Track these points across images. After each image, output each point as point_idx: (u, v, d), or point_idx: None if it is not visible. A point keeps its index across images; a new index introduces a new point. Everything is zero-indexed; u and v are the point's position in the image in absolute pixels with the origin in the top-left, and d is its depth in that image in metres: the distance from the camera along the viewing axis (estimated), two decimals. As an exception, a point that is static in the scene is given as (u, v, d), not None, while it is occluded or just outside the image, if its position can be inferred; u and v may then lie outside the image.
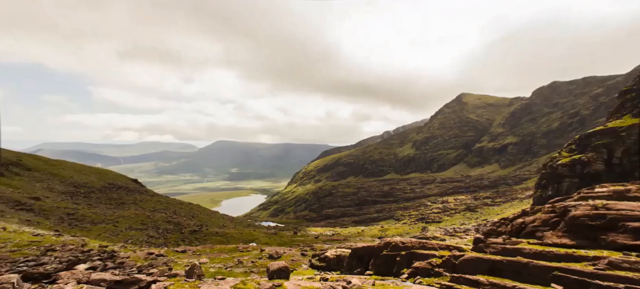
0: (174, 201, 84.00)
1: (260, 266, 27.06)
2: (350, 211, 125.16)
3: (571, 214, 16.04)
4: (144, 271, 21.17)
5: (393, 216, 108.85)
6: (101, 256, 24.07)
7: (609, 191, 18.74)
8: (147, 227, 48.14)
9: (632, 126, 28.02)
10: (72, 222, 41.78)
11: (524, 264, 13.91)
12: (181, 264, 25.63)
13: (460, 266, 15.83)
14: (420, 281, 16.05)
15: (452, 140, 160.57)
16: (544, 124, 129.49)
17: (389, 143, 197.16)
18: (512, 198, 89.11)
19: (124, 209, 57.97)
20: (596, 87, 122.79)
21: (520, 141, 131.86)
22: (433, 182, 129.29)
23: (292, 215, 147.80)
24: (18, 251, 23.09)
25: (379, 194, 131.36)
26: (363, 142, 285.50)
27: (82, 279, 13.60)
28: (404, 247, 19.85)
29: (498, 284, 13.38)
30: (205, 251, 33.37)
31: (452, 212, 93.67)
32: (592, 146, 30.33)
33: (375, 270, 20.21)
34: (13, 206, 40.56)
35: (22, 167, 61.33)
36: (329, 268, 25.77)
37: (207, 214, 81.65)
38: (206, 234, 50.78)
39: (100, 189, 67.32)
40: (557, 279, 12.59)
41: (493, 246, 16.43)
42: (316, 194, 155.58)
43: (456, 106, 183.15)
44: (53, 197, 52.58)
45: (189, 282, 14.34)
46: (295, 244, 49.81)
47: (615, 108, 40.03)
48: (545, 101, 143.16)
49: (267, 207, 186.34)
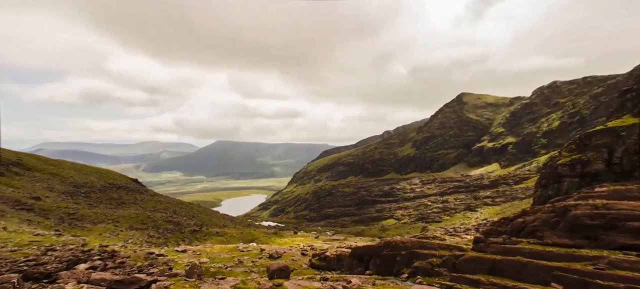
0: (174, 201, 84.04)
1: (261, 265, 27.06)
2: (350, 211, 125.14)
3: (571, 213, 16.03)
4: (144, 270, 21.18)
5: (393, 215, 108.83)
6: (101, 255, 24.08)
7: (609, 190, 18.73)
8: (147, 227, 48.14)
9: (633, 126, 28.00)
10: (72, 222, 41.79)
11: (524, 263, 13.91)
12: (181, 264, 25.65)
13: (460, 265, 15.83)
14: (420, 280, 16.05)
15: (452, 140, 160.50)
16: (544, 124, 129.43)
17: (389, 143, 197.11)
18: (512, 198, 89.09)
19: (124, 209, 57.97)
20: (596, 87, 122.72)
21: (520, 141, 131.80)
22: (433, 182, 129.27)
23: (292, 215, 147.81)
24: (18, 250, 23.09)
25: (379, 193, 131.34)
26: (363, 141, 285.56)
27: (82, 279, 13.61)
28: (404, 247, 19.85)
29: (498, 283, 13.39)
30: (206, 251, 33.38)
31: (452, 212, 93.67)
32: (592, 146, 30.34)
33: (376, 270, 20.21)
34: (13, 206, 40.55)
35: (22, 167, 61.33)
36: (329, 267, 25.77)
37: (207, 214, 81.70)
38: (206, 234, 50.78)
39: (101, 189, 67.34)
40: (557, 279, 12.59)
41: (493, 246, 16.43)
42: (316, 194, 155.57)
43: (456, 106, 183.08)
44: (53, 197, 52.59)
45: (189, 282, 14.35)
46: (295, 244, 49.80)
47: (616, 108, 40.01)
48: (545, 100, 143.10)
49: (267, 207, 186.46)
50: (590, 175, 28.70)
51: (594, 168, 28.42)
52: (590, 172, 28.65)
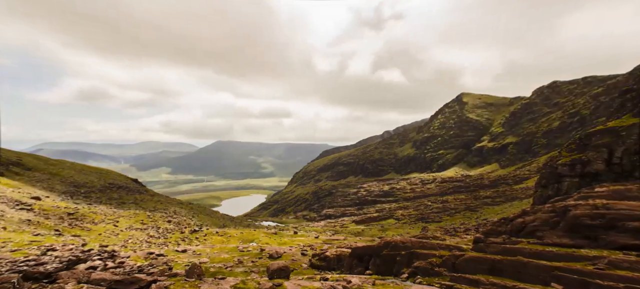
0: (174, 201, 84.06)
1: (261, 265, 27.05)
2: (350, 211, 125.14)
3: (571, 213, 16.04)
4: (144, 270, 21.19)
5: (393, 215, 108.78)
6: (101, 255, 24.09)
7: (609, 190, 18.74)
8: (147, 227, 48.14)
9: (632, 126, 28.01)
10: (72, 222, 41.78)
11: (524, 263, 13.91)
12: (181, 264, 25.64)
13: (460, 265, 15.83)
14: (420, 280, 16.04)
15: (452, 140, 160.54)
16: (544, 124, 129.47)
17: (389, 143, 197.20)
18: (512, 198, 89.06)
19: (124, 208, 57.97)
20: (596, 87, 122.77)
21: (520, 141, 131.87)
22: (433, 182, 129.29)
23: (292, 215, 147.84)
24: (18, 250, 23.10)
25: (379, 193, 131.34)
26: (363, 142, 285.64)
27: (82, 279, 13.61)
28: (404, 246, 19.85)
29: (498, 283, 13.38)
30: (206, 251, 33.38)
31: (452, 212, 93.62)
32: (592, 146, 30.35)
33: (375, 270, 20.21)
34: (13, 206, 40.54)
35: (22, 167, 61.35)
36: (329, 267, 25.77)
37: (207, 214, 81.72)
38: (206, 233, 50.76)
39: (101, 189, 67.34)
40: (557, 279, 12.59)
41: (493, 246, 16.44)
42: (316, 193, 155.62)
43: (456, 106, 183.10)
44: (53, 197, 52.59)
45: (189, 282, 14.34)
46: (295, 244, 49.79)
47: (616, 108, 40.04)
48: (545, 100, 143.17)
49: (267, 207, 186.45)
50: (590, 175, 28.71)
51: (594, 168, 28.44)
52: (590, 172, 28.67)
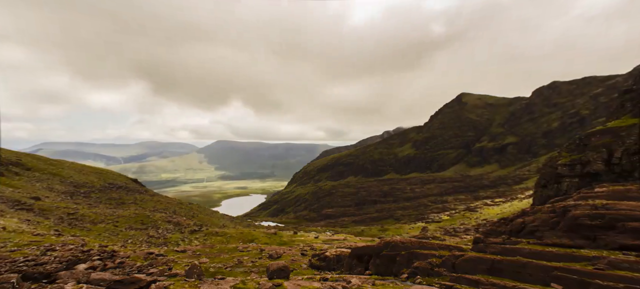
0: (173, 201, 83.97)
1: (260, 265, 27.05)
2: (350, 211, 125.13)
3: (571, 214, 16.04)
4: (144, 270, 21.18)
5: (393, 216, 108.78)
6: (101, 255, 24.07)
7: (609, 190, 18.75)
8: (147, 227, 48.12)
9: (632, 126, 28.01)
10: (72, 222, 41.77)
11: (524, 264, 13.91)
12: (181, 264, 25.64)
13: (460, 265, 15.83)
14: (420, 280, 16.03)
15: (452, 140, 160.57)
16: (544, 124, 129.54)
17: (388, 143, 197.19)
18: (512, 198, 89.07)
19: (124, 209, 57.94)
20: (596, 87, 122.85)
21: (520, 141, 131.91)
22: (433, 182, 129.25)
23: (292, 215, 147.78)
24: (18, 250, 23.08)
25: (379, 194, 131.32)
26: (363, 142, 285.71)
27: (81, 279, 13.62)
28: (404, 247, 19.84)
29: (498, 284, 13.38)
30: (205, 251, 33.38)
31: (452, 212, 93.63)
32: (592, 146, 30.34)
33: (375, 270, 20.21)
34: (13, 206, 40.54)
35: (22, 167, 61.31)
36: (328, 267, 25.76)
37: (207, 214, 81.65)
38: (206, 234, 50.74)
39: (100, 189, 67.32)
40: (556, 279, 12.59)
41: (493, 246, 16.44)
42: (316, 194, 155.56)
43: (456, 106, 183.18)
44: (53, 197, 52.57)
45: (188, 282, 14.35)
46: (295, 244, 49.80)
47: (615, 108, 40.01)
48: (545, 100, 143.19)
49: (267, 207, 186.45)
50: (590, 175, 28.70)
51: (593, 168, 28.43)
52: (590, 172, 28.66)
